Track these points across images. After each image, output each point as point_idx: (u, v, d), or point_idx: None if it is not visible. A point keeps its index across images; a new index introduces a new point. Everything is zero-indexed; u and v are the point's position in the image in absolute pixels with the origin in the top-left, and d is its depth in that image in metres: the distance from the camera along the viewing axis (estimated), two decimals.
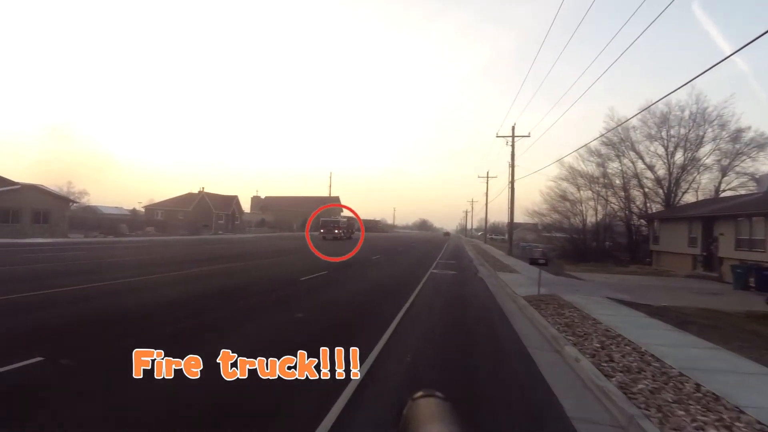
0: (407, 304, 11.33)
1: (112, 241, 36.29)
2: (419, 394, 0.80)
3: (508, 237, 40.38)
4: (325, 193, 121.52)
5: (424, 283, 16.17)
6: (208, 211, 64.19)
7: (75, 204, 45.85)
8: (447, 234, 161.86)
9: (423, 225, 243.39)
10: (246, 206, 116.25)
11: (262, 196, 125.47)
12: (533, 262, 15.27)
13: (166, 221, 62.83)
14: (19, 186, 36.25)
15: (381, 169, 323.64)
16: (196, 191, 67.43)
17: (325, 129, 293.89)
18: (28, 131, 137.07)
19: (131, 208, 72.32)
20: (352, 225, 60.09)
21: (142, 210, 67.88)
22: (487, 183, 66.49)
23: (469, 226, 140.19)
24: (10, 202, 35.27)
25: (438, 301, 12.50)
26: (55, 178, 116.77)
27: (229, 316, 9.12)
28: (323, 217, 57.16)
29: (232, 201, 69.49)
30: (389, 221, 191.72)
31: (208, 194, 66.28)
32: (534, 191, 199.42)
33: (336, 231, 51.43)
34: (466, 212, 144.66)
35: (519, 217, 49.75)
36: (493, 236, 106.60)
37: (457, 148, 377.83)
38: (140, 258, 22.03)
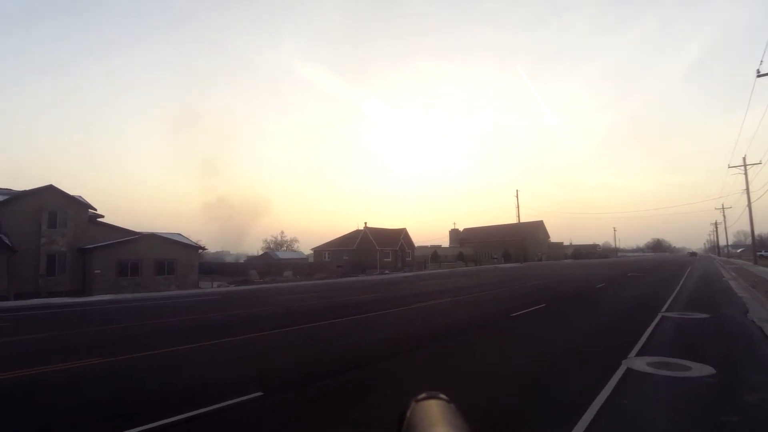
0: None
1: (215, 291, 30.52)
2: (422, 395, 0.72)
3: None
4: (524, 219, 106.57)
5: None
6: (372, 249, 57.09)
7: (215, 252, 42.66)
8: (693, 254, 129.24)
9: (657, 246, 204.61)
10: (444, 240, 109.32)
11: (461, 229, 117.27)
12: None
13: (322, 263, 58.05)
14: (138, 235, 33.75)
15: (592, 187, 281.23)
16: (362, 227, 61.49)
17: (517, 149, 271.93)
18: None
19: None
20: None
21: (311, 252, 64.85)
22: (746, 172, 44.35)
23: (722, 242, 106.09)
24: (130, 253, 32.59)
25: None
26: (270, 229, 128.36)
27: None
28: None
29: (399, 235, 61.35)
30: (613, 245, 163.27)
31: (371, 229, 59.41)
32: None
33: None
34: (716, 224, 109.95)
35: None
36: (764, 253, 76.45)
37: (691, 149, 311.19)
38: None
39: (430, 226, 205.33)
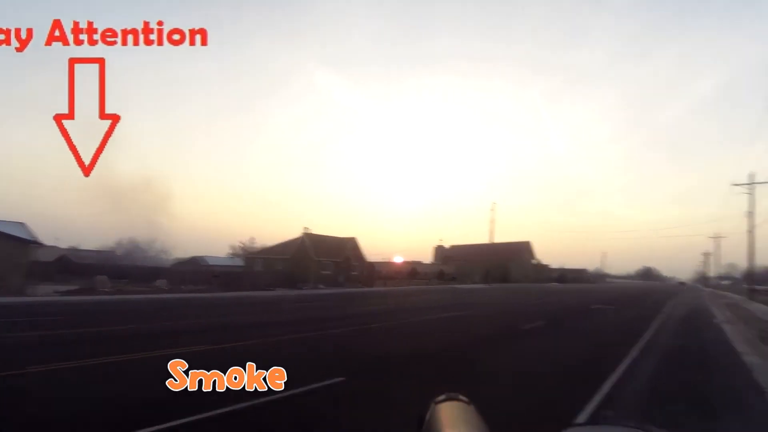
0: None
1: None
2: (442, 397, 0.71)
3: None
4: (515, 238, 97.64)
5: None
6: (308, 259, 48.68)
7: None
8: (682, 284, 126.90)
9: (647, 274, 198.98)
10: (426, 257, 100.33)
11: (447, 246, 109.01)
12: None
13: (253, 272, 49.51)
14: None
15: (593, 214, 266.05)
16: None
17: (521, 172, 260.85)
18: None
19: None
20: None
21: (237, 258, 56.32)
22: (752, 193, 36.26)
23: (712, 273, 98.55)
24: None
25: None
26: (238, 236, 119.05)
27: None
28: None
29: (346, 245, 52.94)
30: (604, 270, 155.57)
31: (312, 236, 51.01)
32: None
33: None
34: (705, 255, 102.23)
35: None
36: (756, 287, 68.28)
37: (689, 182, 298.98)
38: None
39: (419, 241, 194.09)
